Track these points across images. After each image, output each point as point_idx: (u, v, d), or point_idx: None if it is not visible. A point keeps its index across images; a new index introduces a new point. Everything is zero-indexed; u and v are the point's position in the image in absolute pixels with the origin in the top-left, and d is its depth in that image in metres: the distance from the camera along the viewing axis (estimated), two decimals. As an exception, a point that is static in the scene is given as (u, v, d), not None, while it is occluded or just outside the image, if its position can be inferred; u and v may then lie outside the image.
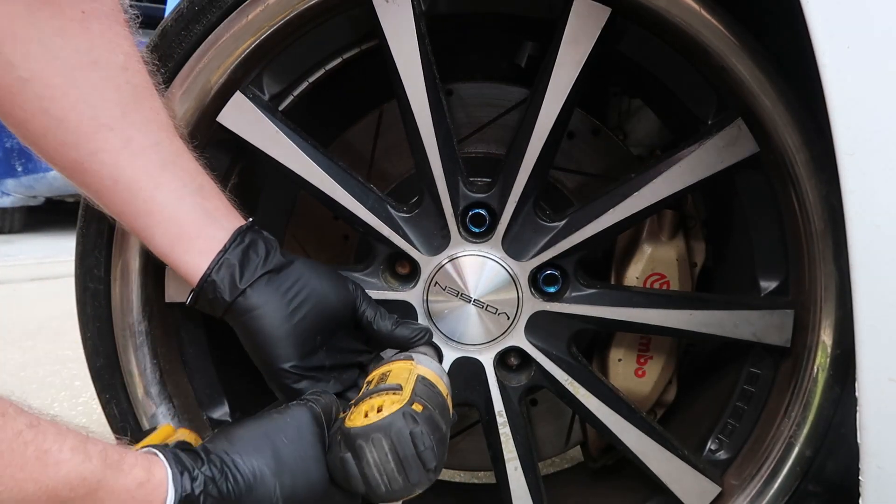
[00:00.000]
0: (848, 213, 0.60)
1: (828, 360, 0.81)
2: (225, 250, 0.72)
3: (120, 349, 0.88)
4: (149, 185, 0.69)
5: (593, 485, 1.14)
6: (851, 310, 0.62)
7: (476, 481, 1.39)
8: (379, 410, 0.62)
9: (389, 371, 0.70)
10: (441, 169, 0.84)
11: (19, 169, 5.71)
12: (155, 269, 0.87)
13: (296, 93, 0.94)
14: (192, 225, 0.71)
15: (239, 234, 0.73)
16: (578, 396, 0.88)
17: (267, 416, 0.64)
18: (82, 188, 0.71)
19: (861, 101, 0.58)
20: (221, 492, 0.54)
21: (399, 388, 0.65)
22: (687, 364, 1.07)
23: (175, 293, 0.89)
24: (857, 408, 0.64)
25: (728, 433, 0.92)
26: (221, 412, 0.97)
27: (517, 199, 0.84)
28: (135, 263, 0.85)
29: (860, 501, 0.67)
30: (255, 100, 0.84)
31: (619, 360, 1.01)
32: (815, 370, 0.82)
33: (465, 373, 0.89)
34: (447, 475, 1.40)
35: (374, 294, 0.86)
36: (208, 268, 0.71)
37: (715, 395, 0.98)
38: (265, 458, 0.58)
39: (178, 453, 0.55)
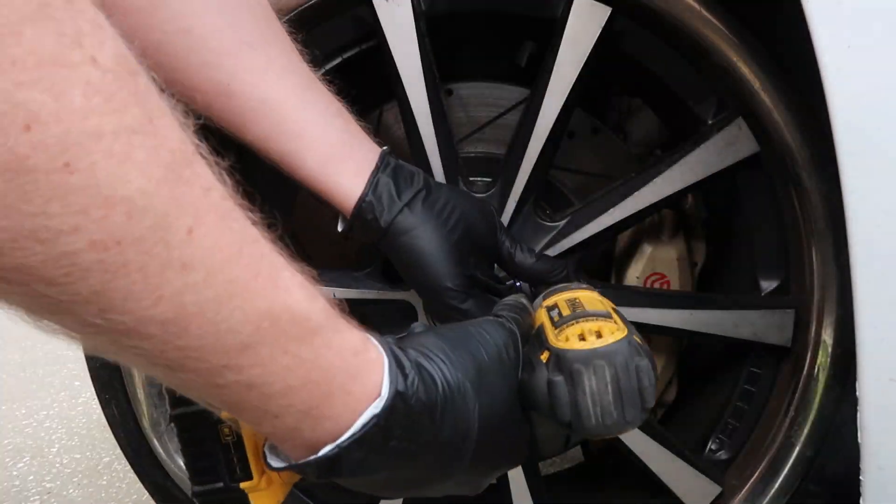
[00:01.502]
0: (849, 212, 0.60)
1: (828, 359, 0.81)
2: (377, 170, 0.70)
3: (120, 349, 0.88)
4: (297, 105, 0.67)
5: (593, 485, 1.14)
6: (852, 309, 0.62)
7: (476, 481, 1.39)
8: (598, 336, 0.54)
9: (577, 297, 0.61)
10: (441, 169, 0.84)
11: (19, 169, 5.70)
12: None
13: (296, 92, 0.93)
14: (342, 147, 0.69)
15: (385, 156, 0.72)
16: (579, 396, 0.88)
17: (463, 329, 0.56)
18: (224, 116, 0.66)
19: (861, 102, 0.58)
20: (429, 398, 0.47)
21: (608, 315, 0.57)
22: (687, 364, 1.07)
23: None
24: (858, 407, 0.64)
25: (728, 433, 0.92)
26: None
27: (517, 199, 0.84)
28: (134, 263, 0.85)
29: (861, 501, 0.67)
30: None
31: (620, 359, 1.01)
32: (816, 370, 0.82)
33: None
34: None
35: (375, 294, 0.86)
36: (365, 188, 0.69)
37: (715, 395, 0.98)
38: (469, 375, 0.51)
39: (391, 345, 0.48)
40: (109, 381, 0.89)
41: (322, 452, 0.43)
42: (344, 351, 0.44)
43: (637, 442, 0.88)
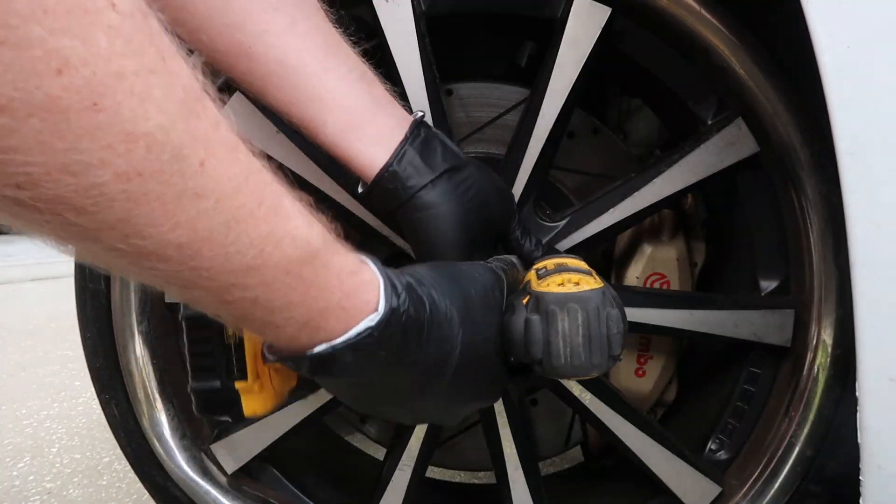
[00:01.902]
0: (848, 212, 0.60)
1: (828, 359, 0.81)
2: (406, 141, 0.69)
3: (119, 349, 0.88)
4: (317, 69, 0.66)
5: (593, 485, 1.14)
6: (852, 309, 0.62)
7: (476, 481, 1.39)
8: (576, 284, 0.59)
9: (564, 262, 0.66)
10: (441, 169, 0.84)
11: (19, 169, 5.70)
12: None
13: (295, 93, 0.93)
14: (362, 112, 0.69)
15: (416, 127, 0.71)
16: (578, 396, 0.88)
17: (455, 266, 0.61)
18: (246, 79, 0.67)
19: (861, 101, 0.58)
20: (418, 317, 0.52)
21: (589, 272, 0.62)
22: (687, 364, 1.07)
23: (175, 293, 0.89)
24: (858, 408, 0.64)
25: (729, 433, 0.92)
26: (221, 412, 0.97)
27: (517, 199, 0.84)
28: (134, 263, 0.85)
29: (860, 502, 0.67)
30: (255, 100, 0.84)
31: (620, 359, 1.01)
32: (816, 370, 0.82)
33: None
34: (447, 475, 1.40)
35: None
36: (391, 157, 0.69)
37: (715, 395, 0.98)
38: (456, 304, 0.56)
39: (385, 269, 0.53)
40: (110, 382, 0.89)
41: (317, 350, 0.48)
42: (341, 271, 0.48)
43: (637, 442, 0.88)
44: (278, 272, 0.43)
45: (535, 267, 0.67)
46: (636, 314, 0.86)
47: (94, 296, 0.87)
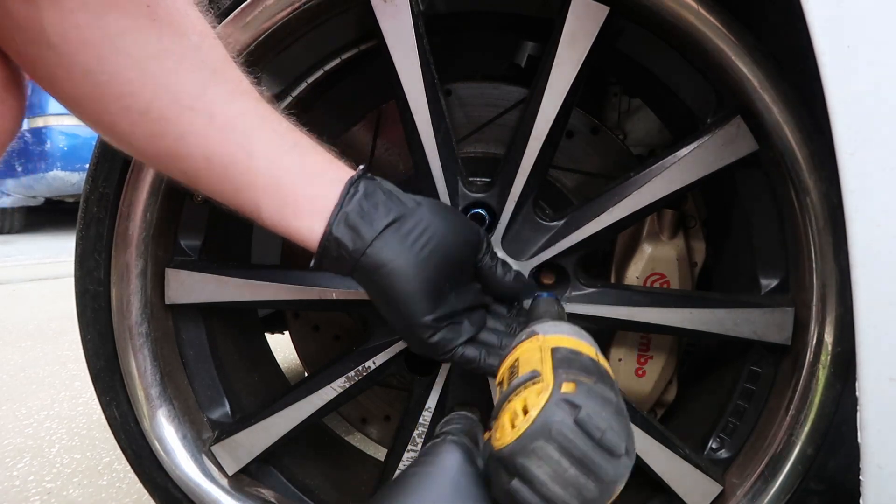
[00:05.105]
0: (848, 212, 0.60)
1: (828, 357, 0.81)
2: (341, 205, 0.67)
3: (120, 351, 0.88)
4: (242, 156, 0.65)
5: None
6: (852, 307, 0.62)
7: (477, 480, 1.39)
8: (525, 413, 0.49)
9: (517, 359, 0.58)
10: (440, 169, 0.84)
11: (19, 169, 5.71)
12: (154, 271, 0.87)
13: (295, 94, 0.94)
14: (294, 186, 0.67)
15: (351, 185, 0.68)
16: (579, 396, 0.88)
17: (415, 479, 0.57)
18: (179, 178, 0.68)
19: (861, 101, 0.57)
20: None
21: (536, 374, 0.52)
22: (687, 363, 1.07)
23: (174, 295, 0.89)
24: (858, 407, 0.64)
25: (729, 432, 0.92)
26: (221, 413, 0.97)
27: (516, 199, 0.84)
28: (134, 266, 0.85)
29: (861, 501, 0.67)
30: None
31: (620, 360, 1.01)
32: (816, 367, 0.82)
33: (466, 374, 0.89)
34: (448, 474, 1.40)
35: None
36: (327, 227, 0.67)
37: (716, 394, 0.98)
38: None
39: None
40: (111, 384, 0.89)
41: None
42: None
43: (638, 441, 0.88)
44: None
45: (497, 381, 0.60)
46: (636, 313, 0.86)
47: (93, 298, 0.87)
